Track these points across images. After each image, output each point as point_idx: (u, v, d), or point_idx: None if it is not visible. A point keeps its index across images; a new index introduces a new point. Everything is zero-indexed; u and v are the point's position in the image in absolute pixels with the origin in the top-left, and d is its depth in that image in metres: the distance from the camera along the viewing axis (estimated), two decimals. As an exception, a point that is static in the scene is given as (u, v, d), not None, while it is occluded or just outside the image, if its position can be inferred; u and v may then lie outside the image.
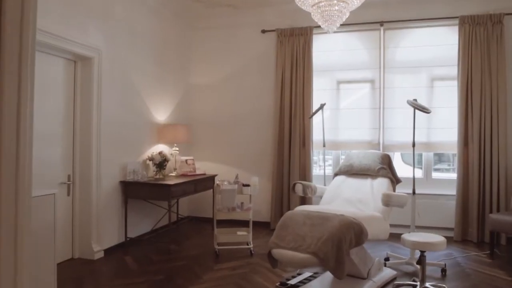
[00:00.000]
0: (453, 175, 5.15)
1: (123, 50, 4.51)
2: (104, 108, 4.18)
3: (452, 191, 4.97)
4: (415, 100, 3.77)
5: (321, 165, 5.79)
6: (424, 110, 3.61)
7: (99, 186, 4.12)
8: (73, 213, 4.03)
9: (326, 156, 5.22)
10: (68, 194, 3.98)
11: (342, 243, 2.57)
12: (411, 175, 3.90)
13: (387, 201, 3.02)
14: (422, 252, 2.99)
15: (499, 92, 4.74)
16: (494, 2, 4.85)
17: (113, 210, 4.36)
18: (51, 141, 3.76)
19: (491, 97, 4.77)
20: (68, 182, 3.97)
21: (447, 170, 5.56)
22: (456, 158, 4.99)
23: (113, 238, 4.35)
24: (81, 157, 4.06)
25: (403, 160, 5.60)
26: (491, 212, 4.70)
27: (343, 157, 5.65)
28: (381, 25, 5.22)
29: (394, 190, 3.54)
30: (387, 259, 3.95)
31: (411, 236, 3.08)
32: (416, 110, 3.72)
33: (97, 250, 4.06)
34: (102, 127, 4.15)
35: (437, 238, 3.01)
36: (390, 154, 5.28)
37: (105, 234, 4.22)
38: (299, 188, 3.59)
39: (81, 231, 4.05)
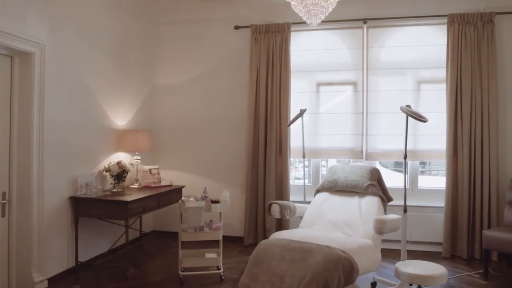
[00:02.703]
0: (440, 182, 4.76)
1: (73, 45, 3.89)
2: (49, 112, 3.56)
3: (440, 202, 4.62)
4: (409, 106, 3.33)
5: (297, 167, 5.37)
6: (420, 118, 3.16)
7: (42, 203, 3.50)
8: (9, 237, 3.39)
9: (301, 164, 4.76)
10: (3, 215, 3.33)
11: (329, 285, 2.08)
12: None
13: (381, 228, 2.55)
14: (420, 286, 2.56)
15: (490, 96, 4.41)
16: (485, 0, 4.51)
17: (60, 231, 3.74)
18: (-21, 152, 3.13)
19: (481, 102, 4.43)
20: (3, 201, 3.32)
21: (422, 173, 5.24)
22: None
23: (60, 264, 3.73)
24: (20, 170, 3.42)
25: (379, 163, 5.22)
26: (481, 226, 4.36)
27: (323, 164, 5.22)
28: (365, 22, 4.81)
29: (385, 210, 3.09)
30: (374, 284, 3.51)
31: (406, 267, 2.64)
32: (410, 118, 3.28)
33: (39, 280, 3.44)
34: (46, 134, 3.53)
35: (437, 269, 2.57)
36: (374, 162, 4.92)
37: (50, 260, 3.60)
38: (275, 210, 3.08)
39: (19, 258, 3.41)
